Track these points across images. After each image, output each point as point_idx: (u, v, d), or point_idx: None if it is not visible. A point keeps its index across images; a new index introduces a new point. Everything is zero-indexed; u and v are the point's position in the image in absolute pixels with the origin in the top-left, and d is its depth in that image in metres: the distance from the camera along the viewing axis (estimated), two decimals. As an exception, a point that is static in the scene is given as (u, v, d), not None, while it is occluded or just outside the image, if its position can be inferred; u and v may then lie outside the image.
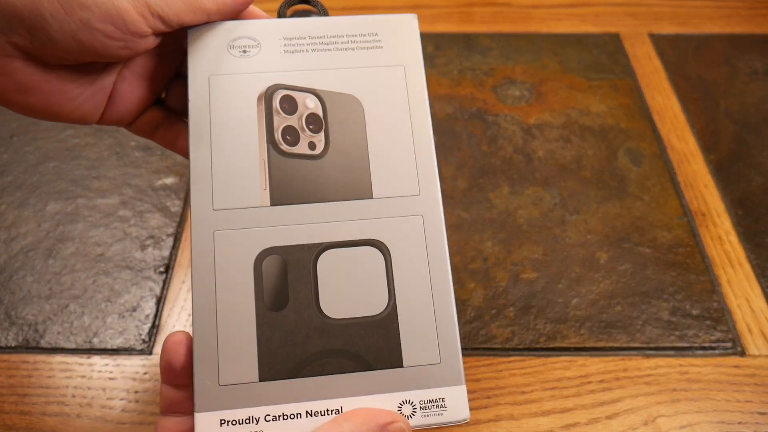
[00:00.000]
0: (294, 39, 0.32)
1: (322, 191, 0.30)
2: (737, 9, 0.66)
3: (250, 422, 0.27)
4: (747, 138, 0.53)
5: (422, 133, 0.31)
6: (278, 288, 0.28)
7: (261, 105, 0.31)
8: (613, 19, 0.64)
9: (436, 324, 0.28)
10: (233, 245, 0.29)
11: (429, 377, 0.27)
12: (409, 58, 0.32)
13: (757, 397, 0.38)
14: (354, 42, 0.32)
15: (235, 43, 0.32)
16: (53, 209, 0.48)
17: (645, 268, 0.44)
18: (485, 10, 0.65)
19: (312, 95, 0.31)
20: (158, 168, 0.50)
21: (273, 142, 0.30)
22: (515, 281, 0.43)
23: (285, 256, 0.29)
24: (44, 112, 0.30)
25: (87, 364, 0.39)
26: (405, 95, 0.31)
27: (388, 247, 0.29)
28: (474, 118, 0.54)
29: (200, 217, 0.29)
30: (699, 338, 0.40)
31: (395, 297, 0.28)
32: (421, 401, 0.27)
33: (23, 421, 0.37)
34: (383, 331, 0.28)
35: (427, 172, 0.30)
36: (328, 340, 0.28)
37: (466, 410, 0.27)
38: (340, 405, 0.27)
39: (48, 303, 0.42)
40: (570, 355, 0.40)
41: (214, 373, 0.27)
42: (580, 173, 0.50)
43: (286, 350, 0.28)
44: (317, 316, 0.28)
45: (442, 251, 0.29)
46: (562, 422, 0.37)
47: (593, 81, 0.58)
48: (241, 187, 0.29)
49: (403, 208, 0.30)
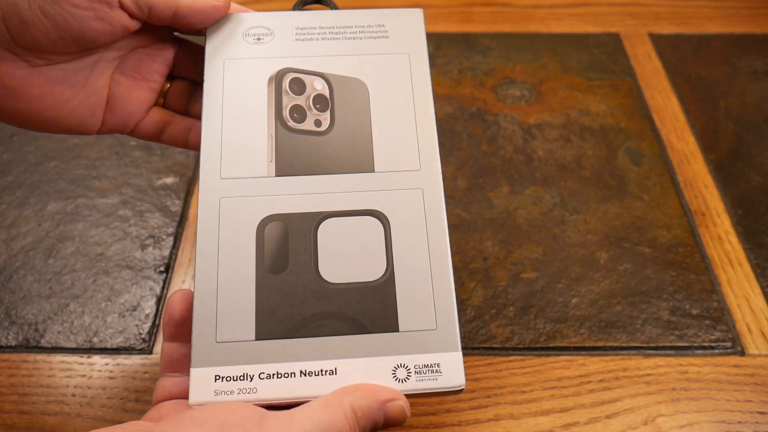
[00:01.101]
0: (305, 29, 0.34)
1: (326, 164, 0.31)
2: (737, 9, 0.66)
3: (244, 379, 0.27)
4: (747, 138, 0.53)
5: (424, 113, 0.32)
6: (279, 252, 0.29)
7: (271, 86, 0.32)
8: (613, 19, 0.64)
9: (433, 291, 0.29)
10: (237, 211, 0.30)
11: (424, 342, 0.28)
12: (414, 47, 0.33)
13: (757, 397, 0.38)
14: (362, 32, 0.34)
15: (250, 31, 0.33)
16: (53, 209, 0.48)
17: (645, 268, 0.44)
18: (485, 10, 0.65)
19: (320, 78, 0.33)
20: (158, 168, 0.51)
21: (281, 119, 0.32)
22: (515, 281, 0.43)
23: (287, 222, 0.30)
24: (38, 119, 0.30)
25: (87, 364, 0.39)
26: (409, 79, 0.33)
27: (387, 217, 0.30)
28: (474, 117, 0.54)
29: (208, 185, 0.30)
30: (699, 338, 0.40)
31: (393, 264, 0.29)
32: (416, 365, 0.27)
33: (23, 420, 0.37)
34: (380, 296, 0.28)
35: (428, 148, 0.31)
36: (325, 303, 0.28)
37: (461, 377, 0.27)
38: (334, 366, 0.27)
39: (48, 302, 0.42)
40: (570, 354, 0.40)
41: (212, 330, 0.28)
42: (580, 173, 0.50)
43: (284, 311, 0.28)
44: (316, 280, 0.29)
45: (440, 223, 0.30)
46: (562, 422, 0.37)
47: (593, 81, 0.58)
48: (248, 158, 0.31)
49: (404, 182, 0.31)
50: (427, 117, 0.32)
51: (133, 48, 0.33)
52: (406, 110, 0.32)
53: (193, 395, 0.27)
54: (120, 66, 0.32)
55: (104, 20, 0.28)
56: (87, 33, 0.28)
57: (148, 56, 0.33)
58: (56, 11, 0.27)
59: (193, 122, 0.34)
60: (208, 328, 0.28)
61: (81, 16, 0.28)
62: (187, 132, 0.34)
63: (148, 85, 0.33)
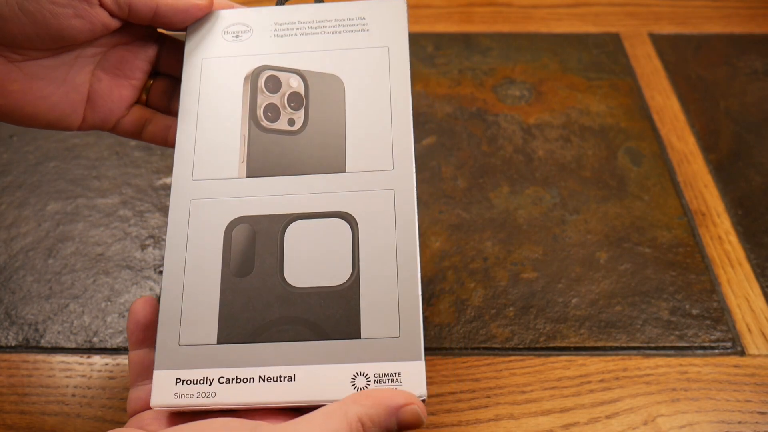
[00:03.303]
0: (284, 24, 0.33)
1: (297, 165, 0.30)
2: (737, 9, 0.66)
3: (204, 383, 0.27)
4: (747, 138, 0.53)
5: (401, 111, 0.31)
6: (245, 255, 0.29)
7: (247, 85, 0.32)
8: (613, 19, 0.64)
9: (398, 297, 0.28)
10: (207, 213, 0.29)
11: (386, 350, 0.27)
12: (394, 39, 0.33)
13: (757, 397, 0.38)
14: (342, 26, 0.33)
15: (229, 29, 0.33)
16: (53, 209, 0.48)
17: (645, 268, 0.44)
18: (485, 10, 0.65)
19: (296, 75, 0.32)
20: (158, 168, 0.51)
21: (255, 118, 0.31)
22: (515, 281, 0.43)
23: (254, 225, 0.29)
24: (19, 114, 0.30)
25: (87, 364, 0.39)
26: (387, 74, 0.32)
27: (356, 219, 0.29)
28: (474, 117, 0.54)
29: (179, 187, 0.30)
30: (699, 338, 0.40)
31: (359, 268, 0.28)
32: (375, 374, 0.27)
33: (23, 420, 0.37)
34: (344, 301, 0.28)
35: (403, 147, 0.30)
36: (288, 308, 0.28)
37: (422, 386, 0.26)
38: (293, 372, 0.27)
39: (48, 302, 0.42)
40: (570, 354, 0.40)
41: (176, 333, 0.27)
42: (580, 173, 0.50)
43: (246, 315, 0.28)
44: (280, 284, 0.28)
45: (411, 226, 0.29)
46: (562, 422, 0.37)
47: (593, 81, 0.58)
48: (220, 159, 0.30)
49: (376, 182, 0.30)
50: (403, 114, 0.31)
51: (114, 45, 0.32)
52: (382, 107, 0.31)
53: (154, 398, 0.27)
54: (101, 63, 0.32)
55: (84, 18, 0.28)
56: (66, 31, 0.28)
57: (131, 53, 0.33)
58: (35, 8, 0.27)
59: (173, 120, 0.34)
60: (172, 330, 0.27)
61: (60, 14, 0.27)
62: (167, 130, 0.34)
63: (130, 82, 0.33)
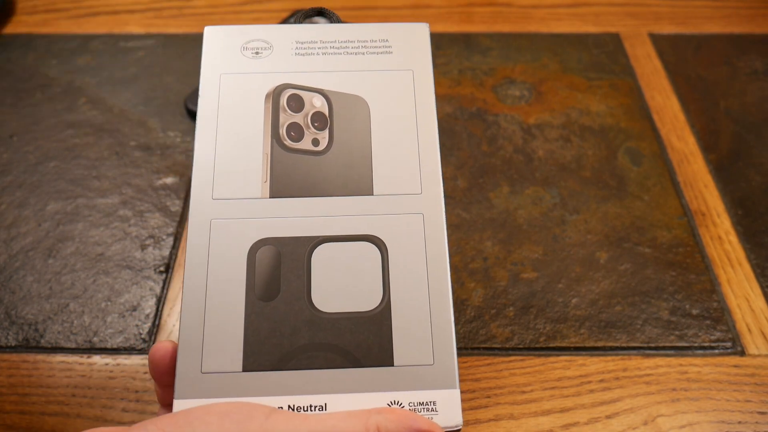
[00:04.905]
0: (306, 43, 0.32)
1: (322, 186, 0.30)
2: (737, 9, 0.66)
3: None
4: (747, 138, 0.53)
5: (428, 134, 0.31)
6: (270, 278, 0.28)
7: (268, 103, 0.31)
8: (613, 19, 0.64)
9: (431, 324, 0.27)
10: (229, 234, 0.28)
11: (420, 378, 0.26)
12: (418, 63, 0.32)
13: (757, 397, 0.38)
14: (365, 47, 0.32)
15: (249, 45, 0.32)
16: (53, 209, 0.48)
17: (645, 268, 0.44)
18: (485, 10, 0.65)
19: (319, 94, 0.31)
20: (158, 168, 0.51)
21: (277, 137, 0.30)
22: (515, 281, 0.43)
23: (280, 247, 0.28)
24: None
25: (87, 364, 0.39)
26: (412, 97, 0.31)
27: (385, 243, 0.28)
28: (474, 117, 0.54)
29: (199, 206, 0.29)
30: (699, 338, 0.40)
31: (390, 294, 0.28)
32: (410, 403, 0.26)
33: (23, 420, 0.37)
34: (375, 327, 0.27)
35: (431, 171, 0.30)
36: (316, 334, 0.27)
37: (458, 416, 0.26)
38: (324, 401, 0.26)
39: (48, 302, 0.42)
40: (570, 354, 0.40)
41: (198, 360, 0.26)
42: (580, 173, 0.50)
43: (273, 341, 0.27)
44: (308, 309, 0.27)
45: (441, 251, 0.28)
46: (562, 422, 0.37)
47: (593, 81, 0.58)
48: (241, 178, 0.29)
49: (404, 206, 0.29)
50: (430, 137, 0.30)
51: None
52: (409, 130, 0.31)
53: None
54: None
55: None
56: None
57: None
58: None
59: None
60: (194, 357, 0.26)
61: None
62: None
63: None
